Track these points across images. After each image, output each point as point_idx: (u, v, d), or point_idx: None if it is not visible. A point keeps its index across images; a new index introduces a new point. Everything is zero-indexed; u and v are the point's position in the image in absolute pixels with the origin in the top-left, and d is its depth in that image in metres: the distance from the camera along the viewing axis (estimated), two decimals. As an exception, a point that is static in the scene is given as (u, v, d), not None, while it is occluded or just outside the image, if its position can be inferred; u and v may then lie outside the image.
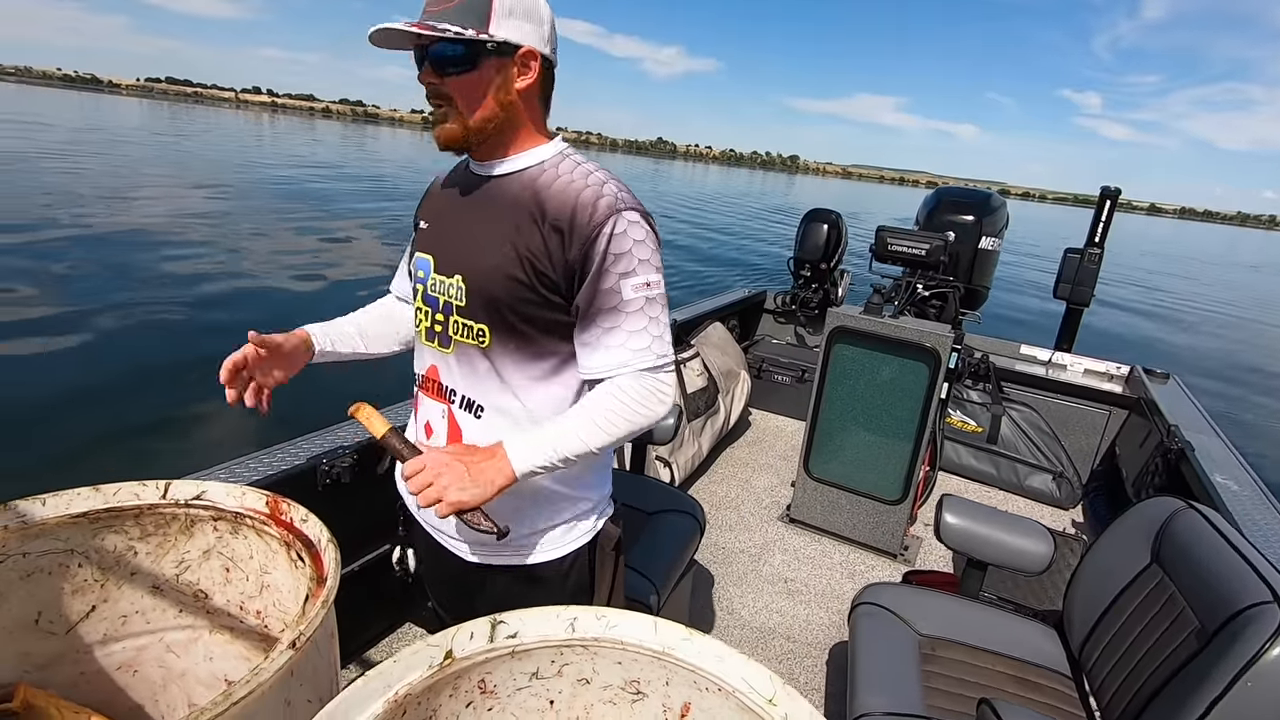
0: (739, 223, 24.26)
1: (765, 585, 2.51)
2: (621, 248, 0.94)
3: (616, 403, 0.98)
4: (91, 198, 13.35)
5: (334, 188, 20.88)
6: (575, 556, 1.11)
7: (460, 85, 0.94)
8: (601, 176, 0.98)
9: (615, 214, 0.94)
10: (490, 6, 0.92)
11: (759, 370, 4.13)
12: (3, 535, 0.95)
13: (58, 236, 9.83)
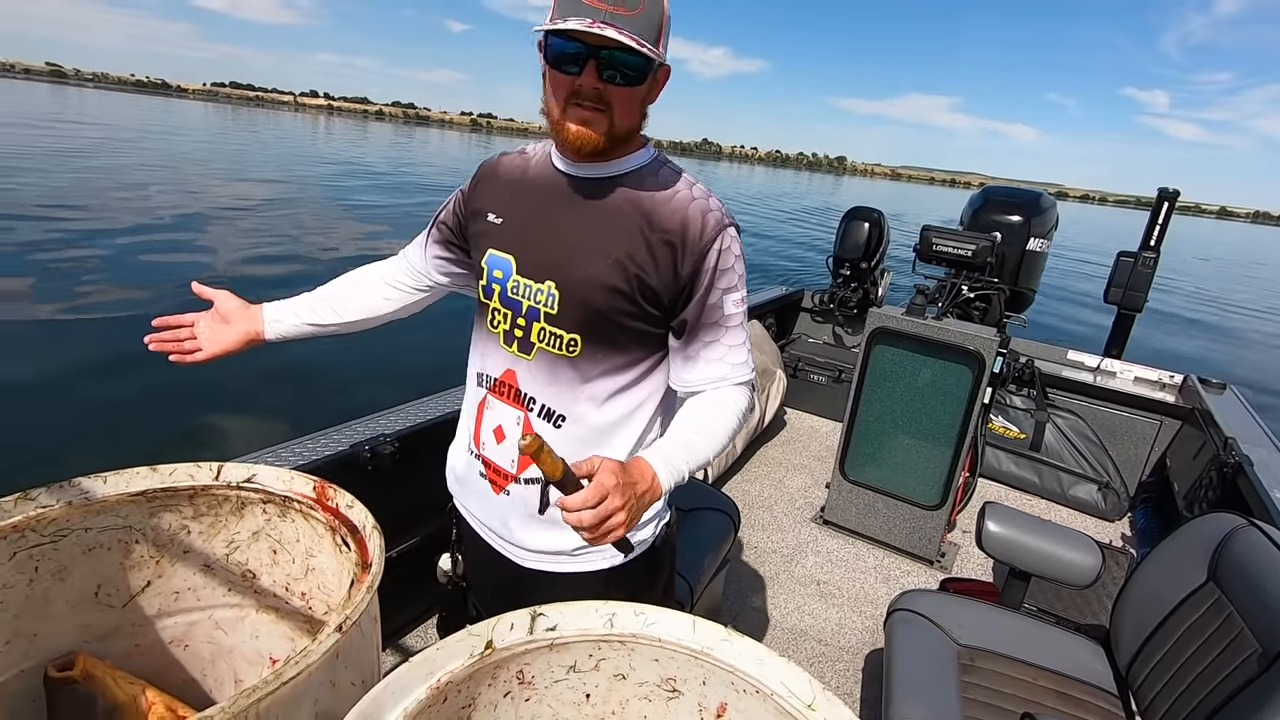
0: (776, 222, 24.00)
1: (797, 587, 2.49)
2: (726, 264, 0.96)
3: (730, 415, 1.00)
4: (159, 192, 13.88)
5: (381, 182, 21.29)
6: (633, 562, 1.10)
7: (622, 95, 0.92)
8: (702, 188, 0.99)
9: (723, 230, 0.95)
10: (662, 25, 0.91)
11: (795, 369, 4.08)
12: (67, 511, 0.99)
13: (133, 225, 10.27)
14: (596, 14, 0.86)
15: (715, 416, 0.99)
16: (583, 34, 0.86)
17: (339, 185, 19.98)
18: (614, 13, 0.86)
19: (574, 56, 0.89)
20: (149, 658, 1.15)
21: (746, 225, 18.57)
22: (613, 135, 0.94)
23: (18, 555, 0.97)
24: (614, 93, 0.91)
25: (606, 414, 1.02)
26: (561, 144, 0.97)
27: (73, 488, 1.00)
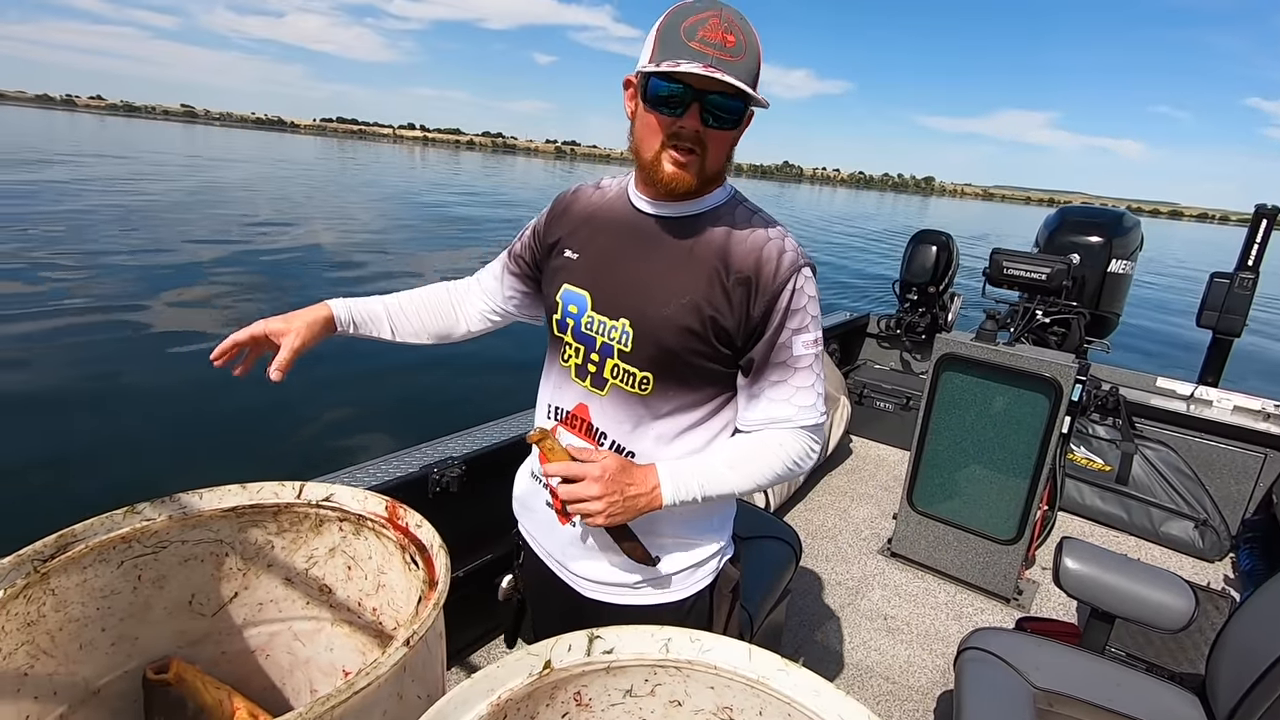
0: (846, 246, 23.55)
1: (863, 621, 2.41)
2: (799, 304, 0.95)
3: (774, 457, 0.99)
4: (271, 219, 14.99)
5: (473, 212, 22.22)
6: (696, 599, 1.10)
7: (718, 138, 0.93)
8: (780, 229, 0.99)
9: (797, 271, 0.95)
10: (758, 71, 0.92)
11: (860, 396, 4.00)
12: (167, 524, 1.08)
13: (249, 250, 11.11)
14: (704, 58, 0.87)
15: (756, 454, 0.99)
16: (690, 77, 0.88)
17: (439, 208, 20.99)
18: (721, 58, 0.87)
19: (679, 99, 0.90)
20: (234, 665, 1.22)
21: (814, 249, 18.15)
22: (703, 177, 0.95)
23: (124, 564, 1.06)
24: (711, 135, 0.92)
25: (674, 450, 1.03)
26: (654, 183, 0.97)
27: (173, 503, 1.09)
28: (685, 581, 1.09)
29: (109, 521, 1.03)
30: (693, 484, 0.97)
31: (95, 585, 1.02)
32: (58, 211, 13.69)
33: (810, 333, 0.97)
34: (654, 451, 1.03)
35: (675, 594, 1.08)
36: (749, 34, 0.90)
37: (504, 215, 21.67)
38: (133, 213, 14.74)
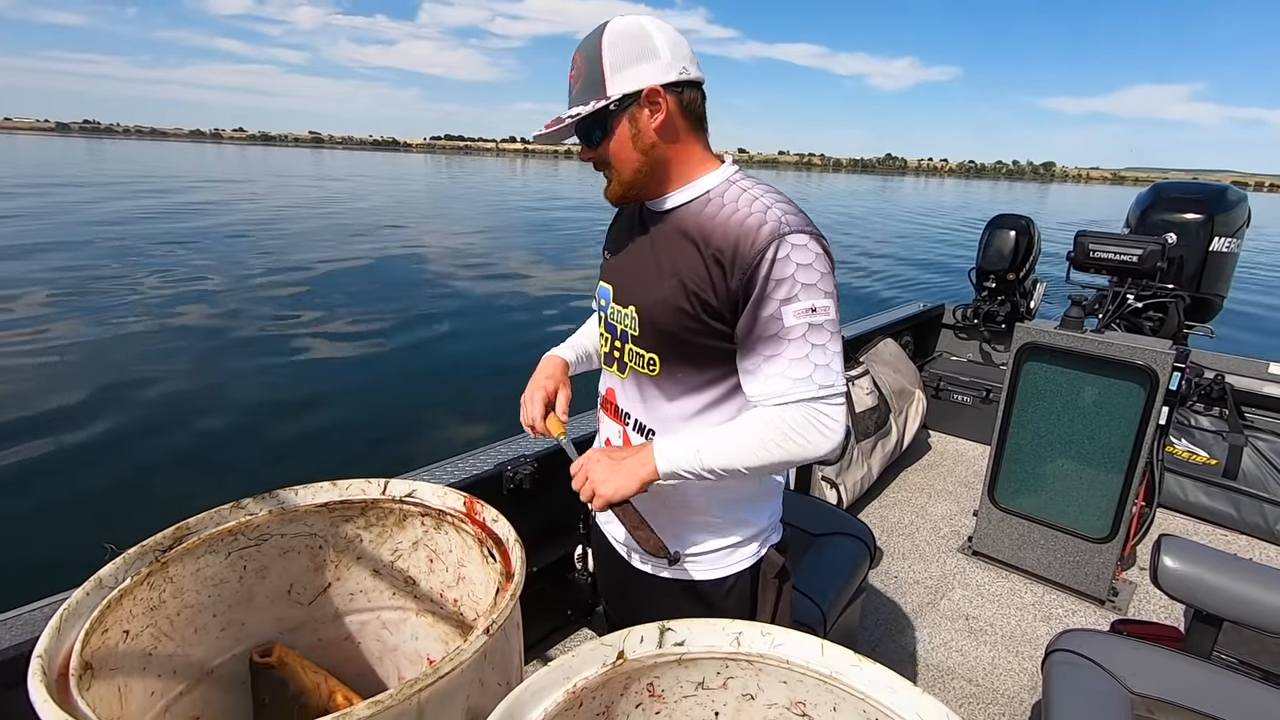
0: (925, 239, 22.66)
1: (943, 621, 2.33)
2: (783, 273, 0.92)
3: (773, 430, 0.95)
4: (385, 232, 15.85)
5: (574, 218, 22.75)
6: (736, 579, 1.13)
7: (607, 150, 1.01)
8: (767, 201, 0.96)
9: (778, 239, 0.91)
10: (602, 73, 0.96)
11: (937, 389, 3.86)
12: (269, 518, 1.16)
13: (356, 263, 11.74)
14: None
15: (757, 429, 0.96)
16: (559, 132, 1.03)
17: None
18: (570, 94, 1.01)
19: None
20: (328, 651, 1.30)
21: (891, 241, 17.47)
22: (625, 182, 1.03)
23: (231, 555, 1.14)
24: (601, 152, 1.02)
25: (693, 428, 1.06)
26: None
27: (272, 498, 1.17)
28: (723, 561, 1.12)
29: (217, 515, 1.12)
30: (690, 454, 0.97)
31: (206, 574, 1.11)
32: (195, 231, 14.79)
33: (800, 301, 0.92)
34: (675, 430, 1.07)
35: (713, 572, 1.12)
36: (585, 56, 0.98)
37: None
38: (264, 228, 15.83)
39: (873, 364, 3.40)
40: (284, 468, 4.42)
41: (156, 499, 3.94)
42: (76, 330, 7.43)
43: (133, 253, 12.19)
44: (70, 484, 4.17)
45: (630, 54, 0.96)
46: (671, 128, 0.99)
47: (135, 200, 22.14)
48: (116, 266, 10.93)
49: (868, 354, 3.48)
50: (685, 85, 0.99)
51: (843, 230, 22.28)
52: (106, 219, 16.98)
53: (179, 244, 13.65)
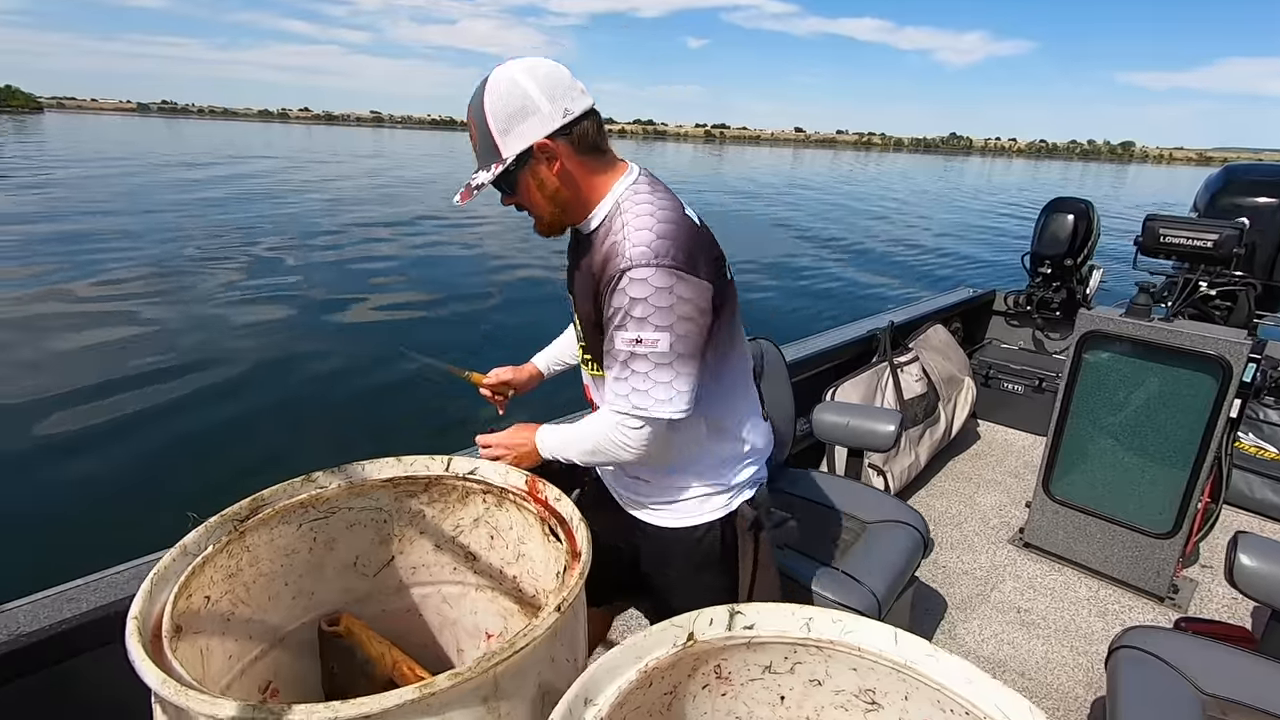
0: (977, 218, 21.97)
1: (994, 613, 2.29)
2: (619, 303, 1.00)
3: (597, 434, 1.12)
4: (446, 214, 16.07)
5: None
6: (708, 529, 1.24)
7: (519, 201, 1.09)
8: (631, 229, 1.02)
9: (619, 273, 0.99)
10: (493, 139, 1.02)
11: (986, 377, 3.76)
12: (338, 492, 1.19)
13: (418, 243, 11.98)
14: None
15: (590, 427, 1.15)
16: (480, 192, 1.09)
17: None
18: (474, 153, 1.06)
19: None
20: (391, 622, 1.33)
21: (949, 225, 16.78)
22: (547, 223, 1.12)
23: (302, 526, 1.18)
24: (518, 202, 1.10)
25: None
26: None
27: (341, 473, 1.20)
28: (693, 511, 1.24)
29: (290, 488, 1.15)
30: (557, 447, 1.21)
31: (280, 544, 1.15)
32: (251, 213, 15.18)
33: (629, 331, 1.00)
34: None
35: (684, 520, 1.24)
36: (475, 122, 1.03)
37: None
38: (335, 204, 16.12)
39: (922, 350, 3.33)
40: (355, 441, 4.50)
41: (231, 468, 4.04)
42: (168, 297, 7.70)
43: (223, 230, 12.43)
44: (150, 447, 4.32)
45: (511, 115, 1.01)
46: (570, 169, 1.06)
47: (244, 175, 22.76)
48: (211, 243, 11.20)
49: (917, 340, 3.40)
50: (572, 124, 1.04)
51: (893, 214, 21.61)
52: (226, 195, 17.44)
53: (265, 220, 13.96)
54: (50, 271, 8.70)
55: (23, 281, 8.19)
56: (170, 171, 24.08)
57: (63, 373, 5.44)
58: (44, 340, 6.16)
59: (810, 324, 7.34)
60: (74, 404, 4.85)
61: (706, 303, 1.02)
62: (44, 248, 10.21)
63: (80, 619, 1.15)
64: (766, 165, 58.46)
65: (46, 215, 13.40)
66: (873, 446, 2.05)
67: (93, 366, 5.58)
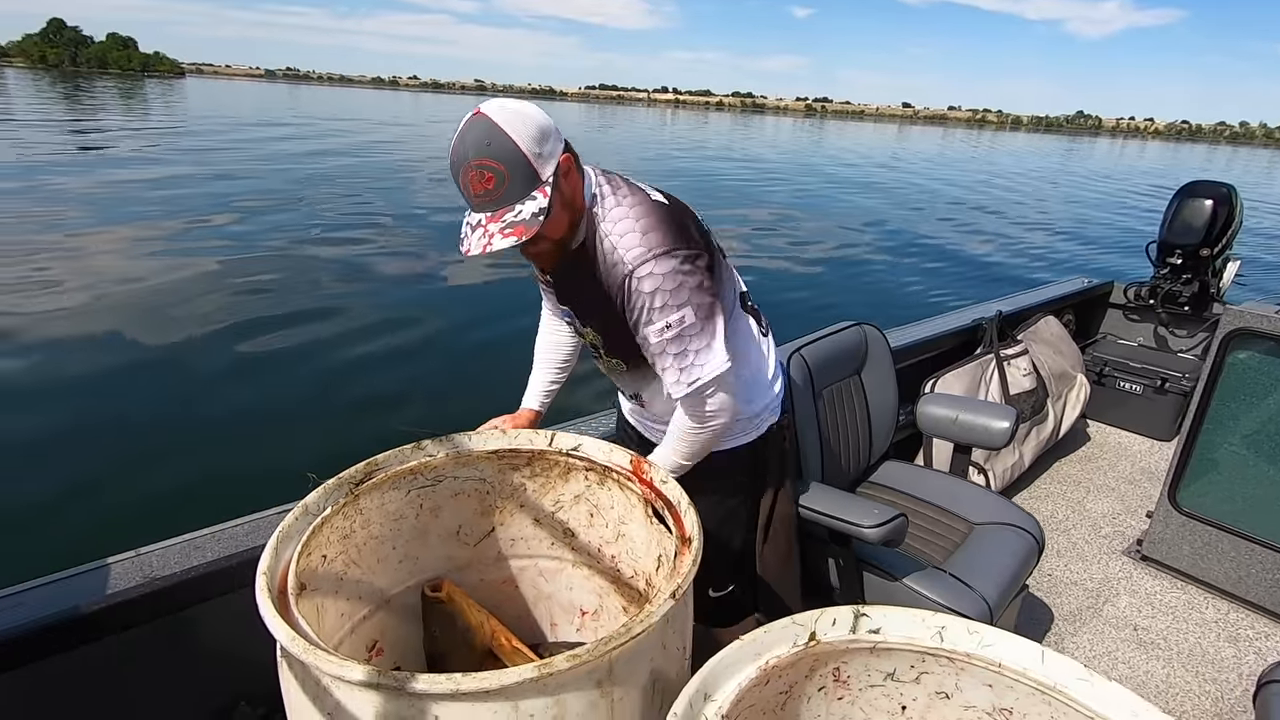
0: (1091, 203, 20.36)
1: (1107, 629, 2.13)
2: (637, 303, 1.07)
3: (680, 427, 1.20)
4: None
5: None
6: (738, 450, 1.33)
7: (548, 230, 1.05)
8: (616, 237, 1.08)
9: (626, 278, 1.06)
10: (530, 166, 1.00)
11: (1100, 374, 3.49)
12: (444, 461, 1.20)
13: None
14: (476, 209, 1.03)
15: (673, 429, 1.23)
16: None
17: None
18: (483, 204, 1.01)
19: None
20: (489, 592, 1.35)
21: (1065, 210, 15.52)
22: (558, 245, 1.11)
23: (411, 493, 1.19)
24: (544, 235, 1.05)
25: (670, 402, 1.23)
26: None
27: (449, 442, 1.21)
28: (738, 434, 1.32)
29: (401, 455, 1.16)
30: (670, 463, 1.24)
31: (390, 509, 1.17)
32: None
33: (655, 322, 1.07)
34: (654, 402, 1.35)
35: (732, 440, 1.32)
36: (503, 160, 0.98)
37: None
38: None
39: (1031, 343, 3.11)
40: (463, 410, 4.61)
41: (335, 431, 4.22)
42: (292, 255, 8.10)
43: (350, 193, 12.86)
44: (263, 404, 4.57)
45: (538, 136, 1.01)
46: (576, 182, 1.09)
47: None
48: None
49: (1026, 332, 3.18)
50: (567, 140, 1.08)
51: (1003, 196, 20.22)
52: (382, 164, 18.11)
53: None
54: (180, 227, 9.27)
55: (165, 234, 8.77)
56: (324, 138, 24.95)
57: (195, 321, 5.78)
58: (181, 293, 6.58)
59: (906, 313, 7.00)
60: (194, 354, 5.17)
61: (705, 259, 1.11)
62: (187, 195, 10.92)
63: (206, 567, 1.22)
64: (869, 142, 55.68)
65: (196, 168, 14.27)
66: (983, 444, 1.92)
67: (224, 317, 5.90)
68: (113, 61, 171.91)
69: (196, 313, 6.02)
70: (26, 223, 8.86)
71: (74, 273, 6.91)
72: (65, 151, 16.54)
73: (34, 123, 24.02)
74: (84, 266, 7.17)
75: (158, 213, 9.93)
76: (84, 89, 54.99)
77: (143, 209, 10.15)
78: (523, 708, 0.74)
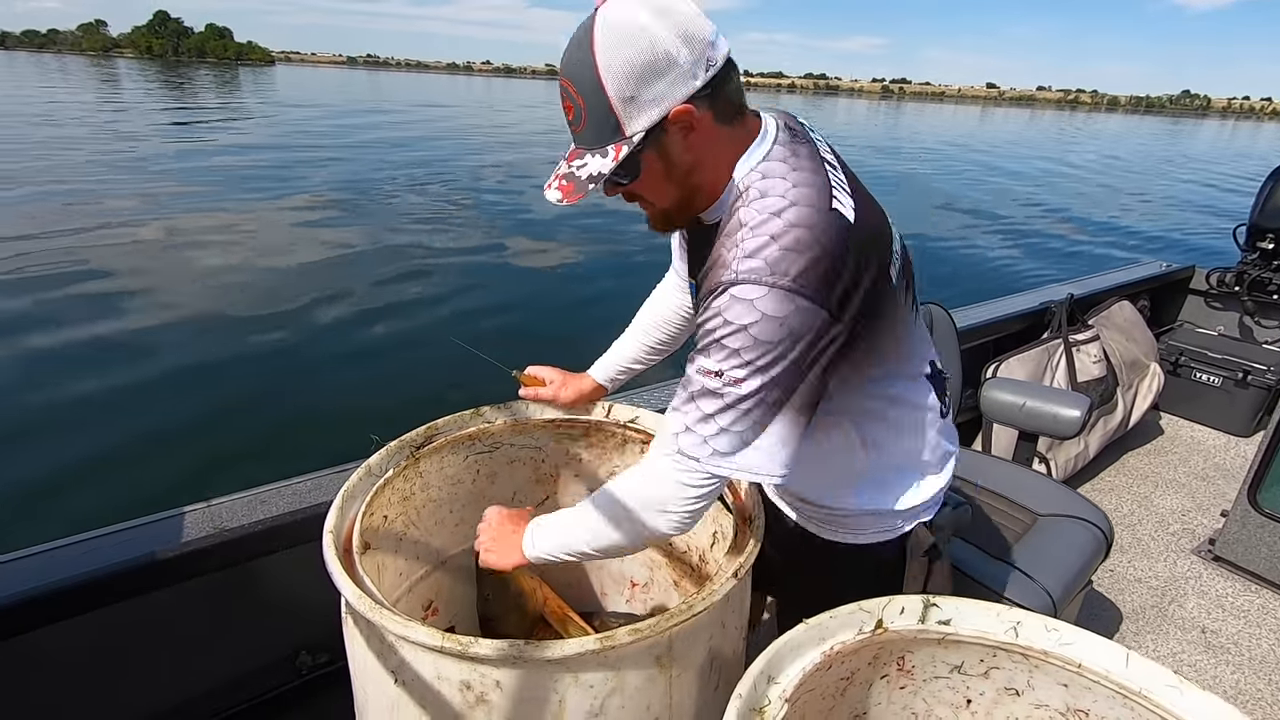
0: (1181, 186, 19.08)
1: (1174, 630, 2.04)
2: (710, 325, 0.76)
3: (615, 485, 0.84)
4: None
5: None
6: (875, 549, 1.01)
7: (640, 188, 0.83)
8: (748, 232, 0.76)
9: (721, 287, 0.75)
10: (611, 109, 0.75)
11: (1176, 364, 3.30)
12: (502, 428, 1.20)
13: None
14: (571, 149, 0.81)
15: (603, 492, 0.85)
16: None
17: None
18: (573, 133, 0.79)
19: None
20: (541, 559, 1.36)
21: (1148, 192, 14.58)
22: (671, 214, 0.87)
23: (469, 458, 1.20)
24: (634, 190, 0.84)
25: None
26: None
27: (507, 409, 1.21)
28: (856, 528, 1.00)
29: (460, 420, 1.17)
30: (552, 545, 0.91)
31: (448, 473, 1.18)
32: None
33: (710, 358, 0.75)
34: None
35: (845, 536, 1.00)
36: (580, 88, 0.76)
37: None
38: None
39: (1103, 328, 2.96)
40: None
41: (399, 394, 4.31)
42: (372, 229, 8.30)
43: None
44: (332, 372, 4.73)
45: (640, 75, 0.73)
46: (709, 142, 0.80)
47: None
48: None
49: (1098, 317, 3.02)
50: (717, 79, 0.77)
51: (1087, 182, 19.15)
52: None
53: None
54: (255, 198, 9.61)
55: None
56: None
57: (275, 288, 6.01)
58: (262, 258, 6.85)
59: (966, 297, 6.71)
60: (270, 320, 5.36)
61: (837, 332, 0.76)
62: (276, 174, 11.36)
63: (272, 521, 1.25)
64: (951, 125, 53.05)
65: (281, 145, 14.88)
66: (1052, 432, 1.84)
67: (302, 286, 6.11)
68: (210, 51, 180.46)
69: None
70: (182, 199, 9.46)
71: (219, 246, 7.28)
72: (193, 138, 17.17)
73: (176, 109, 25.22)
74: (230, 241, 7.55)
75: (290, 189, 10.39)
76: (188, 78, 56.80)
77: (276, 186, 10.65)
78: (583, 679, 0.73)
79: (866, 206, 0.81)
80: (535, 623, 1.20)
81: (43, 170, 11.13)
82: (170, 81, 48.62)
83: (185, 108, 27.30)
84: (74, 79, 48.16)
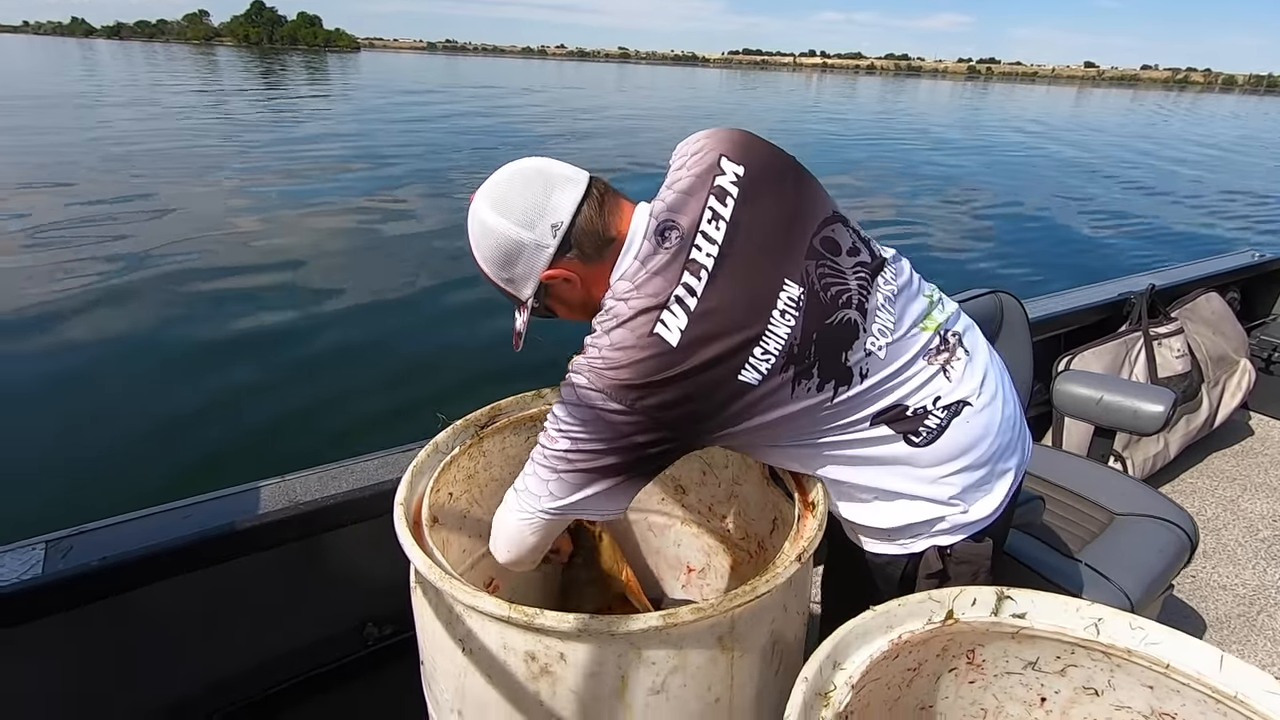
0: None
1: (1262, 642, 1.92)
2: (555, 400, 0.88)
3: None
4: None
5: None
6: (891, 561, 1.00)
7: (564, 318, 0.97)
8: (590, 339, 0.85)
9: (566, 375, 0.86)
10: (502, 287, 0.91)
11: (1268, 361, 3.09)
12: (541, 413, 1.21)
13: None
14: None
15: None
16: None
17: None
18: None
19: None
20: (600, 542, 1.37)
21: (1243, 178, 13.52)
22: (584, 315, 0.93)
23: (529, 439, 1.21)
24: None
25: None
26: None
27: (544, 398, 1.22)
28: (887, 541, 0.99)
29: (522, 401, 1.19)
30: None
31: (510, 452, 1.20)
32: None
33: (547, 428, 0.86)
34: None
35: (880, 547, 1.00)
36: (483, 272, 0.91)
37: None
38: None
39: (1188, 321, 2.79)
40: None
41: (459, 376, 4.38)
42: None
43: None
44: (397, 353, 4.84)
45: (502, 261, 0.88)
46: (588, 279, 0.89)
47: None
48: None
49: (1183, 309, 2.85)
50: (568, 235, 0.85)
51: (1167, 167, 17.90)
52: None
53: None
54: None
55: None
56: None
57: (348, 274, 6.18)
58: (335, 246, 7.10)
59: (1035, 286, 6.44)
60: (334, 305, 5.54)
61: (643, 436, 0.81)
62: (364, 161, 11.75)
63: (343, 496, 1.30)
64: (1037, 109, 48.62)
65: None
66: (1131, 428, 1.75)
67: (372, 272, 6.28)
68: (301, 38, 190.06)
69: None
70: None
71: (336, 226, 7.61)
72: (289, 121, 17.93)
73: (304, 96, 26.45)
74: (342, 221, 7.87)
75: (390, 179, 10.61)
76: (291, 66, 58.77)
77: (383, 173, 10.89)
78: (646, 655, 0.74)
79: (721, 309, 0.82)
80: (613, 600, 1.21)
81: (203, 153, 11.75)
82: (269, 70, 50.35)
83: (280, 95, 28.23)
84: (179, 64, 50.81)
